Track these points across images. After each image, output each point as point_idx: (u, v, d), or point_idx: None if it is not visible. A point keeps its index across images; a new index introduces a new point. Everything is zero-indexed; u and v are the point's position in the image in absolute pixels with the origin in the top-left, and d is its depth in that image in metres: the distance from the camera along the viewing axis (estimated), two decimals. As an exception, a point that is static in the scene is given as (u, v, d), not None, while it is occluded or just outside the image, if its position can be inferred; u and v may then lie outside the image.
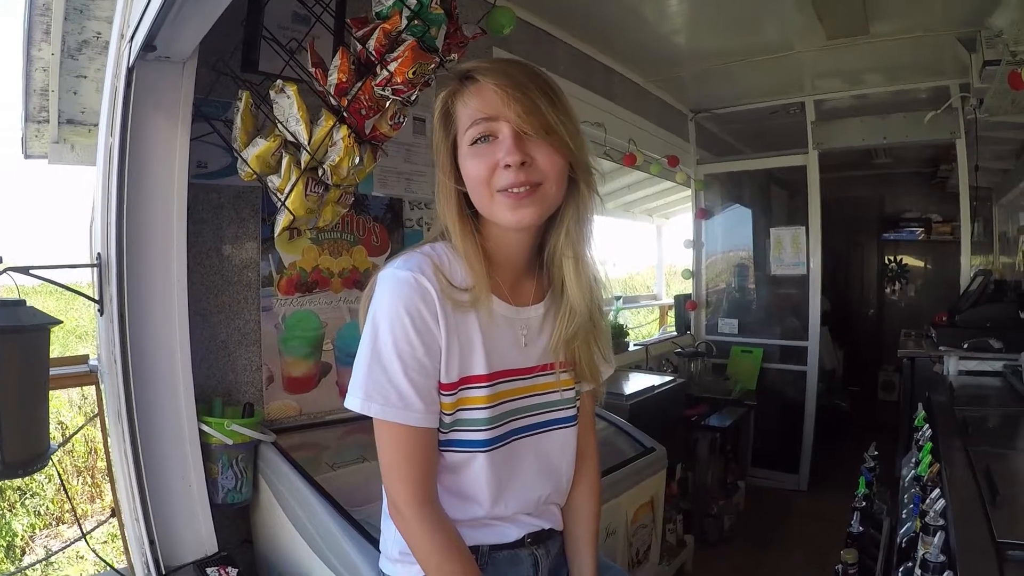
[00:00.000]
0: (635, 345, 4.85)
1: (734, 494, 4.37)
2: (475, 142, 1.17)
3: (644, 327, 7.25)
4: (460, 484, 1.26)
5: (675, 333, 5.58)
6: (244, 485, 2.03)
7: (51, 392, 1.75)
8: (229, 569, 1.87)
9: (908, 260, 6.90)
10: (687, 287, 5.70)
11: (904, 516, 1.88)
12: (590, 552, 1.45)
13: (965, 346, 3.60)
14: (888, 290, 7.01)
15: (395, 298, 1.15)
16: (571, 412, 1.38)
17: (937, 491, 1.70)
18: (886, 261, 6.99)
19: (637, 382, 3.77)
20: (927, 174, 6.26)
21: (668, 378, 3.94)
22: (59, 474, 3.78)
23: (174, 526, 1.90)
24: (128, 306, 1.81)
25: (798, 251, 5.01)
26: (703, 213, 5.59)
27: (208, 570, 1.86)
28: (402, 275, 1.16)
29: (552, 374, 1.33)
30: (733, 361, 5.27)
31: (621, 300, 5.16)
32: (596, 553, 1.47)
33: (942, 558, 1.39)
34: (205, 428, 1.95)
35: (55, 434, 4.91)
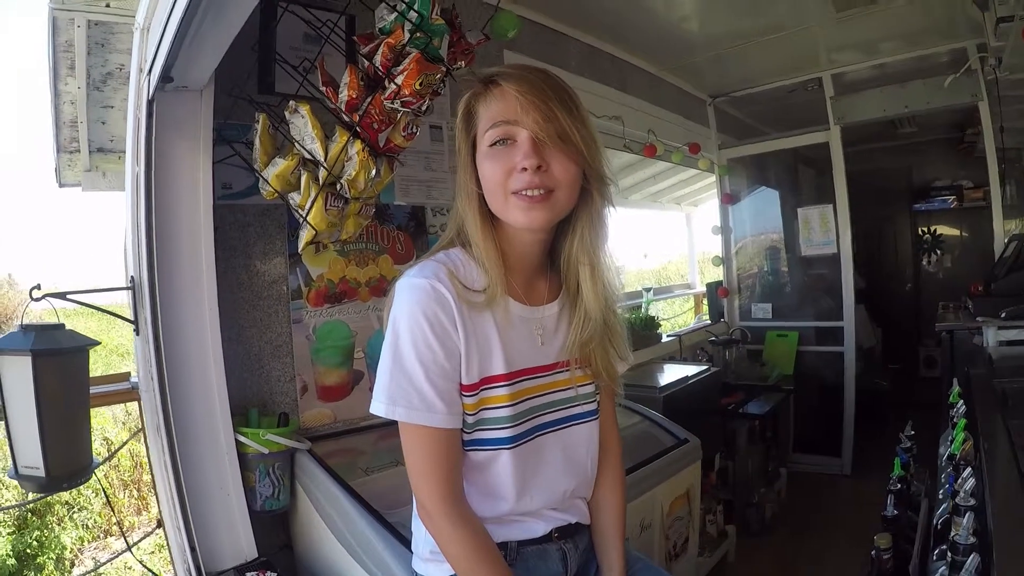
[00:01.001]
0: (668, 336, 4.86)
1: (775, 482, 4.36)
2: (493, 144, 1.22)
3: (679, 317, 7.24)
4: (486, 481, 1.31)
5: (708, 322, 5.58)
6: (282, 492, 2.12)
7: (96, 409, 1.86)
8: (268, 573, 1.96)
9: (942, 230, 6.77)
10: (719, 274, 5.70)
11: (940, 497, 1.87)
12: (617, 545, 1.48)
13: (1003, 315, 3.53)
14: (924, 262, 6.89)
15: (413, 305, 1.20)
16: (591, 407, 1.43)
17: (969, 470, 1.71)
18: (920, 232, 6.86)
19: (670, 373, 3.78)
20: (954, 140, 6.17)
21: (702, 368, 3.94)
22: (104, 489, 3.91)
23: (214, 533, 2.01)
24: (162, 325, 1.92)
25: (827, 230, 4.98)
26: (729, 198, 5.58)
27: (248, 575, 1.96)
28: (419, 283, 1.21)
29: (568, 371, 1.37)
30: (768, 346, 5.25)
31: (652, 292, 5.16)
32: (623, 546, 1.50)
33: (972, 540, 1.38)
34: (241, 438, 2.05)
35: (100, 449, 5.13)
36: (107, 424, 5.72)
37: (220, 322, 2.06)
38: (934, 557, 1.58)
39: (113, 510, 4.87)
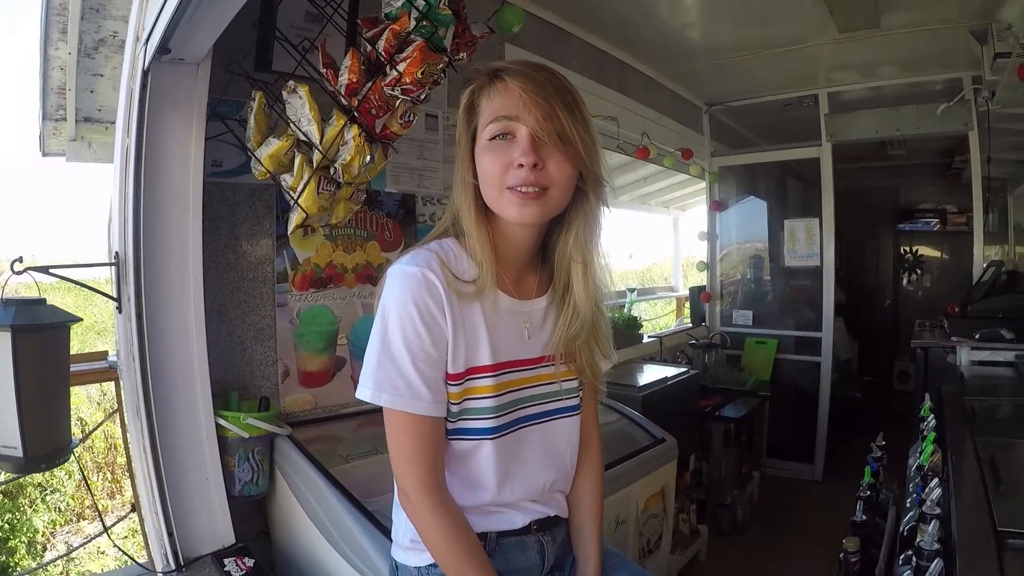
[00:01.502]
0: (649, 337, 4.85)
1: (748, 484, 4.38)
2: (493, 138, 1.21)
3: (661, 319, 7.25)
4: (468, 471, 1.31)
5: (690, 325, 5.59)
6: (260, 478, 2.06)
7: (71, 388, 1.79)
8: (246, 560, 1.91)
9: (924, 251, 6.86)
10: (703, 279, 5.70)
11: (908, 505, 1.89)
12: (594, 539, 1.47)
13: (977, 336, 3.62)
14: (904, 281, 6.98)
15: (403, 292, 1.19)
16: (574, 402, 1.42)
17: (936, 480, 1.73)
18: (902, 252, 6.96)
19: (650, 373, 3.78)
20: (942, 165, 6.22)
21: (681, 369, 3.96)
22: (82, 471, 3.82)
23: (192, 518, 1.95)
24: (145, 304, 1.85)
25: (812, 243, 4.99)
26: (717, 205, 5.57)
27: (225, 561, 1.90)
28: (410, 270, 1.20)
29: (552, 365, 1.36)
30: (747, 352, 5.27)
31: (636, 292, 5.15)
32: (600, 540, 1.49)
33: (936, 546, 1.41)
34: (222, 422, 1.98)
35: (75, 430, 4.98)
36: (82, 404, 5.58)
37: (204, 303, 1.99)
38: (900, 562, 1.60)
39: (91, 492, 4.77)
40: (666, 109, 4.74)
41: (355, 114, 1.73)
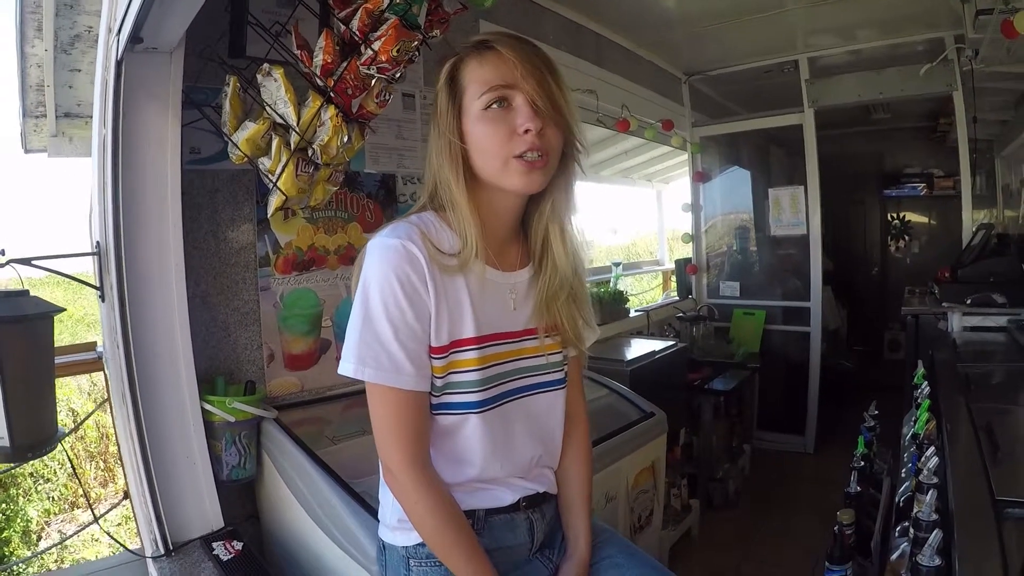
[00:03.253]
0: (636, 311, 4.88)
1: (739, 458, 4.43)
2: (488, 107, 1.23)
3: (648, 293, 7.29)
4: (454, 446, 1.32)
5: (676, 298, 5.64)
6: (248, 461, 2.12)
7: (61, 379, 1.83)
8: (234, 543, 1.97)
9: (911, 216, 6.87)
10: (688, 251, 5.74)
11: (903, 475, 1.91)
12: (583, 516, 1.49)
13: (968, 302, 3.62)
14: (892, 247, 7.00)
15: (384, 265, 1.20)
16: (559, 375, 1.44)
17: (932, 449, 1.74)
18: (889, 218, 6.97)
19: (638, 348, 3.82)
20: (927, 128, 6.22)
21: (669, 343, 3.99)
22: (71, 460, 3.86)
23: (180, 503, 2.01)
24: (128, 292, 1.90)
25: (797, 211, 5.03)
26: (700, 176, 5.61)
27: (214, 544, 1.96)
28: (391, 243, 1.21)
29: (537, 338, 1.39)
30: (735, 324, 5.31)
31: (621, 267, 5.19)
32: (589, 516, 1.51)
33: (934, 517, 1.41)
34: (207, 406, 2.04)
35: (66, 421, 5.02)
36: (73, 395, 5.63)
37: (187, 289, 2.04)
38: (896, 533, 1.62)
39: (80, 482, 4.82)
40: (645, 81, 4.77)
41: (331, 94, 1.77)
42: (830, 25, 4.37)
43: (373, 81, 1.80)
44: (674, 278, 5.94)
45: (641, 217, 8.60)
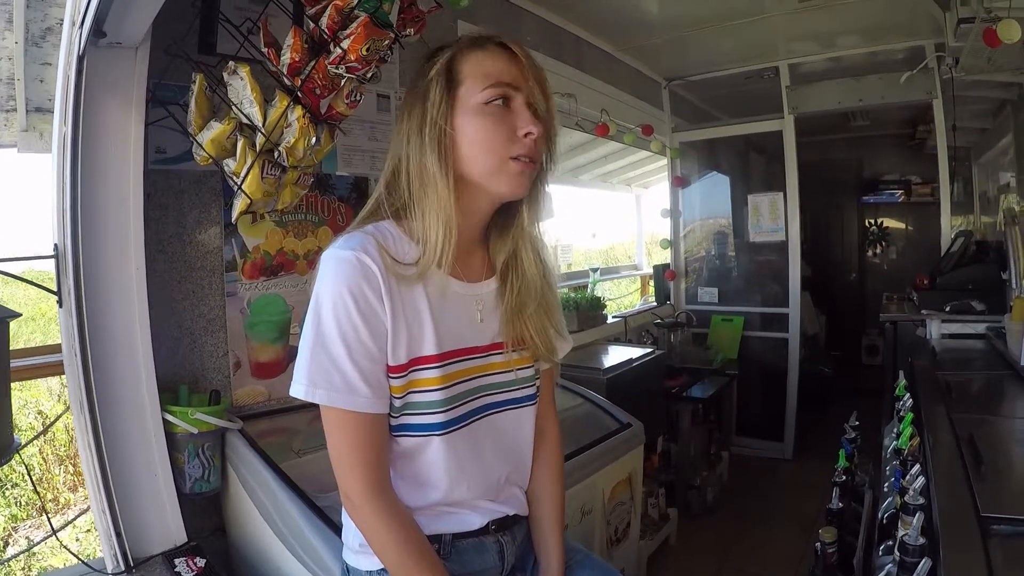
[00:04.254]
0: (613, 317, 4.86)
1: (718, 465, 4.43)
2: (490, 102, 1.19)
3: (626, 297, 7.29)
4: (416, 470, 1.26)
5: (654, 303, 5.63)
6: (212, 474, 2.04)
7: (30, 381, 1.77)
8: (197, 560, 1.90)
9: (889, 223, 6.94)
10: (667, 257, 5.74)
11: (886, 490, 1.88)
12: (556, 536, 1.44)
13: (947, 309, 3.64)
14: (870, 253, 7.06)
15: (337, 279, 1.14)
16: (530, 391, 1.39)
17: (917, 467, 1.70)
18: (867, 224, 7.03)
19: (614, 355, 3.79)
20: (905, 135, 6.28)
21: (647, 350, 3.97)
22: (28, 472, 3.79)
23: (142, 517, 1.93)
24: (86, 297, 1.82)
25: (776, 217, 5.05)
26: (679, 181, 5.61)
27: (176, 561, 1.89)
28: (344, 255, 1.15)
29: (505, 353, 1.33)
30: (714, 330, 5.32)
31: (599, 272, 5.17)
32: (562, 537, 1.47)
33: (921, 540, 1.38)
34: (169, 417, 1.96)
35: (35, 424, 5.01)
36: (42, 397, 5.51)
37: (150, 294, 1.97)
38: (880, 552, 1.59)
39: (37, 493, 4.72)
40: (625, 85, 4.76)
41: (298, 94, 1.71)
42: (811, 32, 4.39)
43: (343, 81, 1.74)
44: (652, 283, 5.92)
45: (620, 221, 8.58)
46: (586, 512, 2.51)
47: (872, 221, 7.00)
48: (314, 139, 1.77)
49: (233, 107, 1.77)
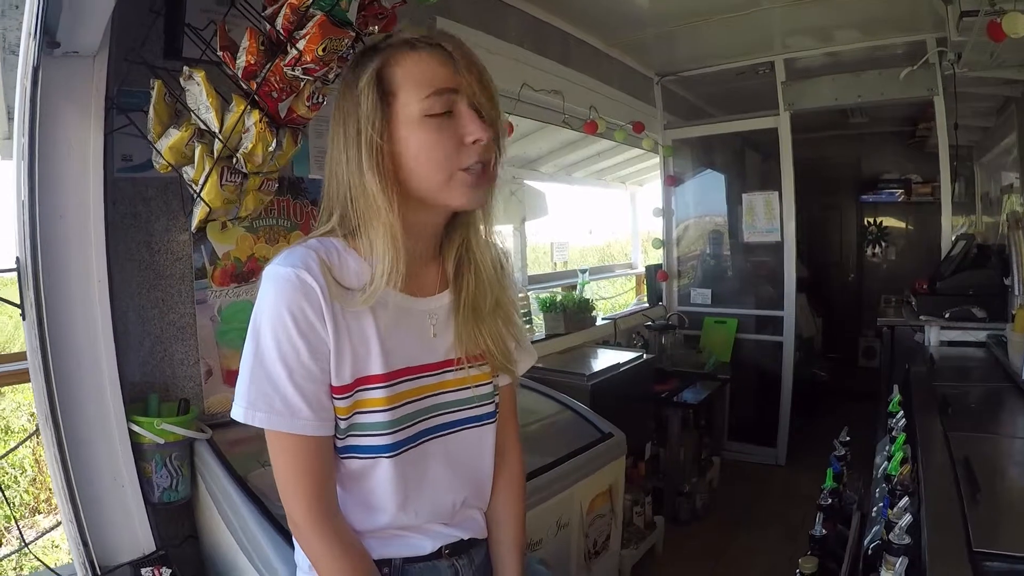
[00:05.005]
0: (603, 319, 4.87)
1: (708, 470, 4.44)
2: (431, 114, 1.13)
3: (621, 296, 7.29)
4: (363, 492, 1.24)
5: (647, 304, 5.62)
6: (180, 483, 2.06)
7: (22, 384, 1.81)
8: (163, 569, 1.92)
9: (888, 222, 6.94)
10: (660, 256, 5.73)
11: (874, 514, 1.85)
12: (515, 558, 1.42)
13: (947, 315, 3.61)
14: (869, 253, 7.06)
15: (277, 298, 1.11)
16: (488, 409, 1.36)
17: (906, 500, 1.64)
18: (865, 223, 7.03)
19: (601, 359, 3.79)
20: (905, 133, 6.27)
21: (635, 354, 3.94)
22: (1, 490, 3.85)
23: (109, 527, 1.95)
24: (47, 309, 1.83)
25: (771, 217, 5.04)
26: (672, 180, 5.59)
27: (143, 571, 1.92)
28: (283, 272, 1.12)
29: (461, 369, 1.29)
30: (706, 333, 5.31)
31: (587, 273, 5.17)
32: (522, 559, 1.44)
33: None
34: (135, 428, 1.97)
35: (27, 425, 5.11)
36: (32, 398, 5.59)
37: (117, 303, 1.99)
38: None
39: (7, 503, 4.77)
40: (615, 81, 4.76)
41: (255, 98, 1.70)
42: (807, 26, 4.38)
43: (302, 84, 1.74)
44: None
45: (616, 219, 8.59)
46: (562, 525, 2.49)
47: (871, 220, 7.00)
48: (274, 144, 1.77)
49: (191, 113, 1.78)
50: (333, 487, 1.22)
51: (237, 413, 1.13)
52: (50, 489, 5.20)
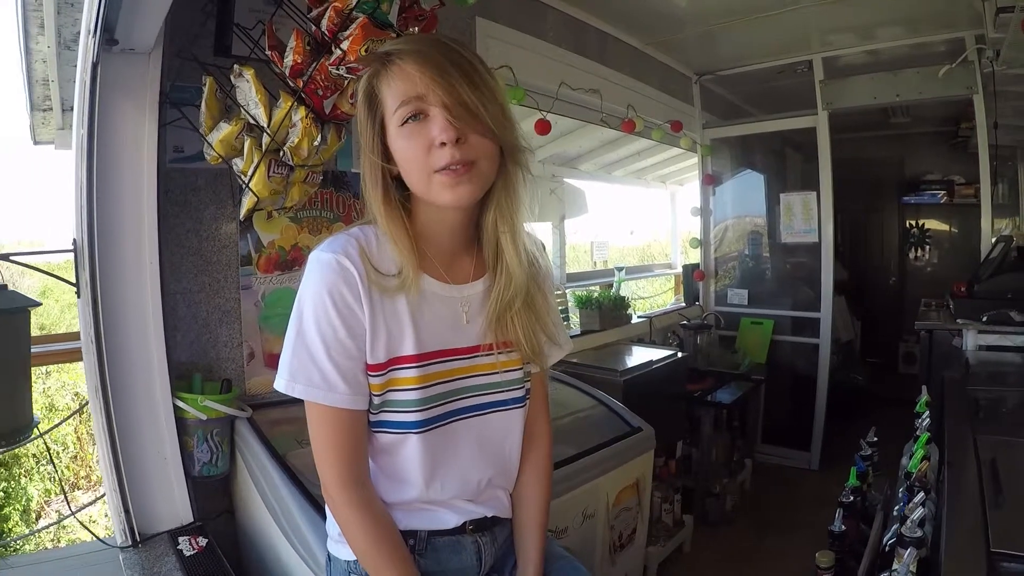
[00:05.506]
0: (639, 317, 4.91)
1: (740, 472, 4.45)
2: (405, 122, 1.21)
3: (661, 296, 7.31)
4: (393, 466, 1.34)
5: (683, 304, 5.65)
6: (220, 459, 2.21)
7: (68, 364, 1.95)
8: (200, 539, 2.05)
9: (931, 225, 6.83)
10: (697, 256, 5.76)
11: (894, 514, 1.84)
12: (536, 541, 1.49)
13: (984, 319, 3.56)
14: (911, 256, 6.96)
15: (318, 281, 1.22)
16: (517, 393, 1.43)
17: (921, 495, 1.68)
18: (908, 226, 6.93)
19: (635, 356, 3.84)
20: (948, 133, 6.17)
21: (669, 352, 3.97)
22: (49, 453, 4.02)
23: (150, 497, 2.11)
24: (101, 289, 2.00)
25: (809, 217, 5.02)
26: (710, 179, 5.62)
27: (180, 539, 2.05)
28: (325, 257, 1.23)
29: (491, 355, 1.38)
30: (742, 333, 5.32)
31: (624, 271, 5.22)
32: (542, 542, 1.50)
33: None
34: (180, 404, 2.12)
35: (71, 404, 5.39)
36: (80, 380, 5.83)
37: (167, 286, 2.14)
38: None
39: (56, 469, 5.00)
40: (653, 80, 4.81)
41: (302, 95, 1.84)
42: (845, 24, 4.36)
43: (346, 82, 1.86)
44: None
45: (656, 219, 8.62)
46: (588, 516, 2.54)
47: (913, 223, 6.89)
48: (319, 138, 1.90)
49: (241, 109, 1.91)
50: (365, 458, 1.32)
51: (280, 384, 1.25)
52: (90, 466, 5.43)
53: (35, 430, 1.91)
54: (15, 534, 4.66)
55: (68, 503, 2.45)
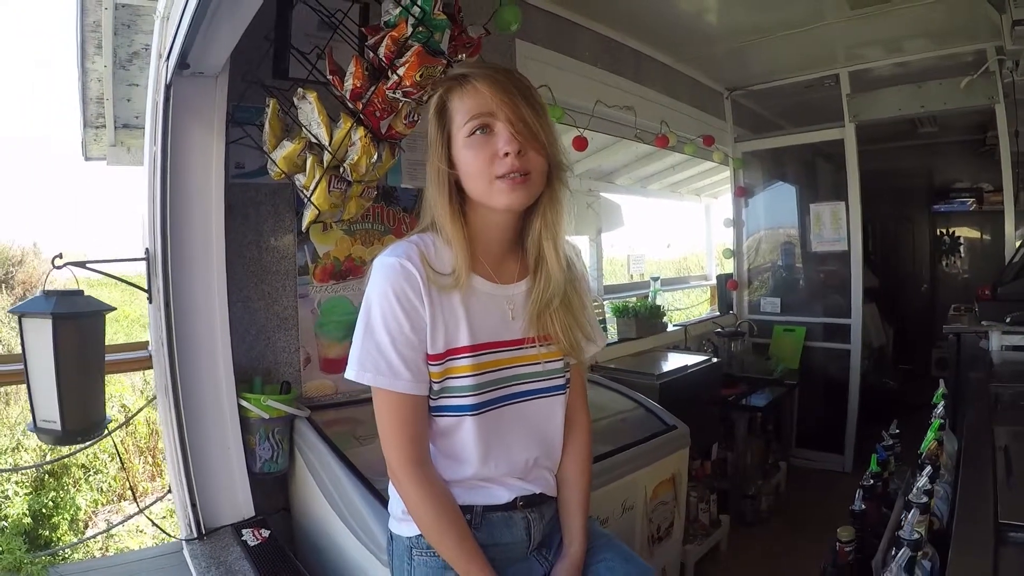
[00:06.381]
0: (674, 326, 4.96)
1: (774, 475, 4.48)
2: (472, 134, 1.36)
3: (697, 307, 7.35)
4: (451, 446, 1.46)
5: (717, 313, 5.70)
6: (280, 456, 2.31)
7: (115, 376, 2.06)
8: (262, 531, 2.16)
9: (961, 232, 6.78)
10: (731, 267, 5.79)
11: (911, 498, 1.85)
12: (579, 518, 1.59)
13: (1008, 320, 3.55)
14: (943, 264, 6.91)
15: (384, 281, 1.36)
16: (558, 382, 1.55)
17: (929, 467, 1.76)
18: (939, 233, 6.89)
19: (671, 361, 3.91)
20: (975, 142, 6.14)
21: (703, 358, 4.03)
22: (119, 452, 4.14)
23: (214, 491, 2.21)
24: (173, 295, 2.11)
25: (838, 227, 5.05)
26: (742, 191, 5.67)
27: (243, 531, 2.16)
28: (390, 261, 1.37)
29: (533, 347, 1.50)
30: (775, 340, 5.36)
31: (659, 281, 5.28)
32: (586, 518, 1.61)
33: (916, 535, 1.44)
34: (243, 403, 2.24)
35: (118, 415, 5.44)
36: (126, 391, 6.03)
37: (229, 294, 2.25)
38: (893, 552, 1.61)
39: (127, 472, 5.14)
40: (685, 96, 4.87)
41: (360, 117, 1.93)
42: (869, 39, 4.41)
43: (400, 104, 1.96)
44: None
45: (693, 232, 8.66)
46: (627, 508, 2.62)
47: (944, 231, 6.86)
48: (376, 156, 2.00)
49: (303, 128, 2.02)
50: (426, 440, 1.44)
51: (350, 373, 1.38)
52: (136, 477, 5.56)
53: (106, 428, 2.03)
54: (64, 543, 4.81)
55: (136, 500, 2.57)
